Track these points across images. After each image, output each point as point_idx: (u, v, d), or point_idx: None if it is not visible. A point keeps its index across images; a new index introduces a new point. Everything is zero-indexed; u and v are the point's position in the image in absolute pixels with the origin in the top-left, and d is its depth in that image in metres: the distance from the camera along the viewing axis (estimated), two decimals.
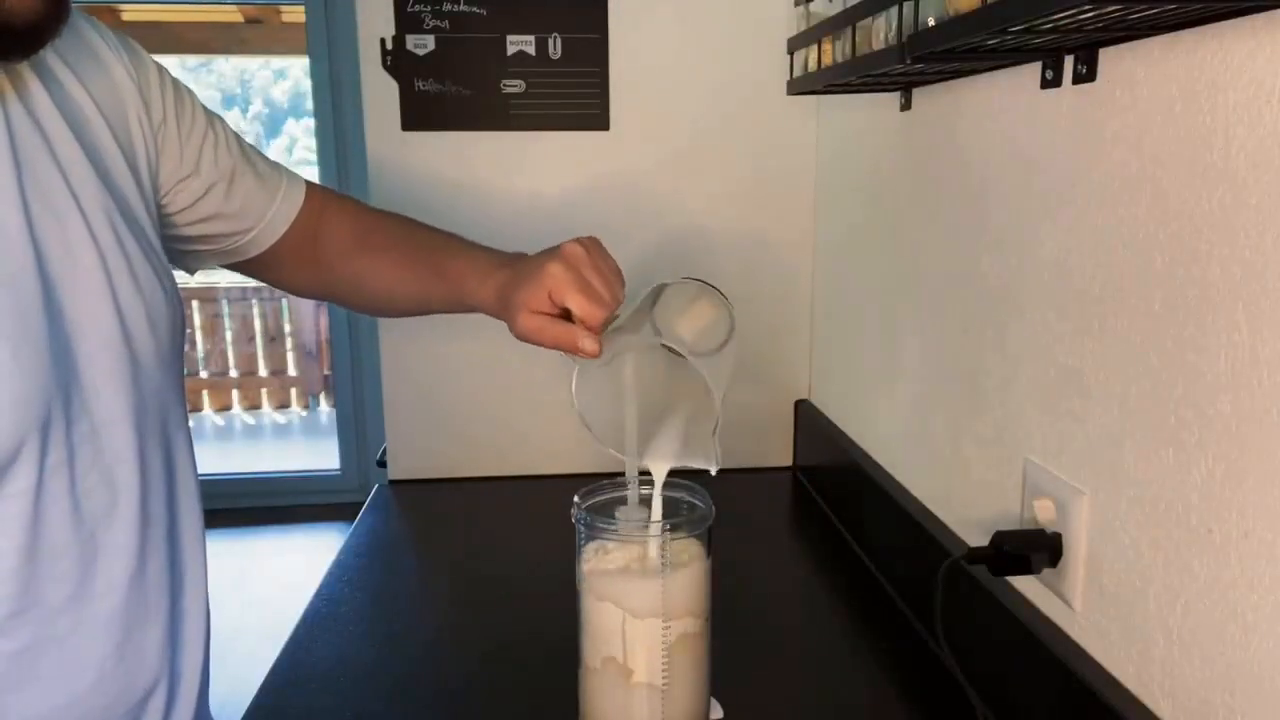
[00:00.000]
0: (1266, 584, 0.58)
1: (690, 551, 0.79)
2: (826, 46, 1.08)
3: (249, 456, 5.10)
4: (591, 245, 0.83)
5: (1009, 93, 0.87)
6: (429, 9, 1.43)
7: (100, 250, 0.66)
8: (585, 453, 1.57)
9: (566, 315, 0.80)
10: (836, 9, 1.05)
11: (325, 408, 5.58)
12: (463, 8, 1.44)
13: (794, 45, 1.20)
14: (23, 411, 0.58)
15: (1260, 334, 0.57)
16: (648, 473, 0.83)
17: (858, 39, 0.97)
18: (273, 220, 0.91)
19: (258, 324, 5.61)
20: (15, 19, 0.54)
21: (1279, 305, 0.56)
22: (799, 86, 1.21)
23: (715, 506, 0.81)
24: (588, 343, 0.77)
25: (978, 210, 0.94)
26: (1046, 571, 0.80)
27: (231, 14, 4.62)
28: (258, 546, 3.75)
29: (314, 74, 3.93)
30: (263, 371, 5.64)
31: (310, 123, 4.14)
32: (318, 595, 1.17)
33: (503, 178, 1.50)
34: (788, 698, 0.96)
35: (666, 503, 0.81)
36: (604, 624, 0.76)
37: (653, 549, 0.77)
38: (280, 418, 5.70)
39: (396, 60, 1.45)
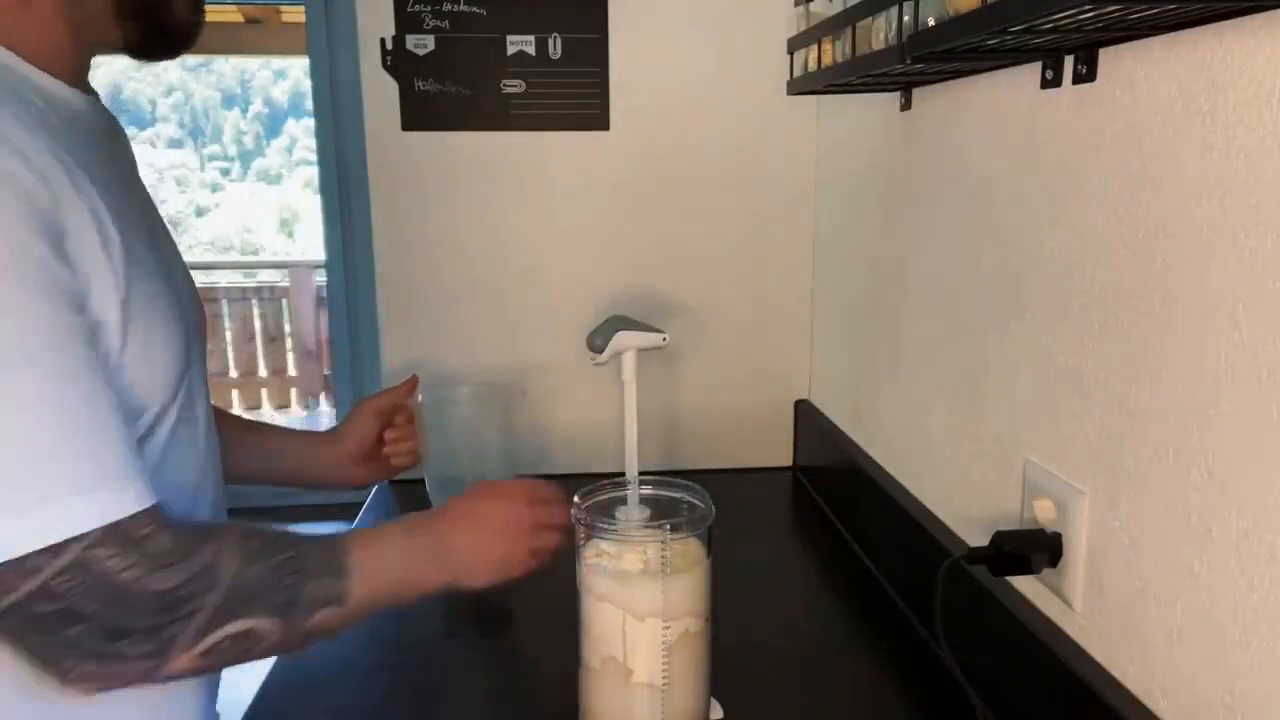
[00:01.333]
0: (1266, 584, 0.58)
1: (690, 551, 0.79)
2: (826, 46, 1.08)
3: None
4: None
5: (1009, 93, 0.87)
6: (429, 9, 1.43)
7: (178, 250, 0.80)
8: (585, 454, 1.57)
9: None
10: (836, 9, 1.05)
11: (325, 408, 5.58)
12: (463, 8, 1.44)
13: (794, 45, 1.20)
14: (179, 363, 0.70)
15: (1260, 335, 0.57)
16: (649, 474, 0.83)
17: (858, 39, 0.97)
18: None
19: (258, 324, 5.61)
20: (176, 20, 0.71)
21: (1279, 305, 0.56)
22: (799, 86, 1.21)
23: (715, 506, 0.81)
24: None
25: (978, 210, 0.94)
26: (1046, 571, 0.80)
27: (231, 14, 4.62)
28: None
29: (314, 74, 3.93)
30: (263, 372, 5.64)
31: (310, 123, 4.14)
32: None
33: (503, 178, 1.50)
34: (788, 697, 0.96)
35: (666, 502, 0.81)
36: (604, 624, 0.76)
37: (653, 549, 0.77)
38: (280, 418, 5.70)
39: (396, 60, 1.45)
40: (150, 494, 0.60)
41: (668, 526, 0.77)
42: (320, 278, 4.86)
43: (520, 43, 1.45)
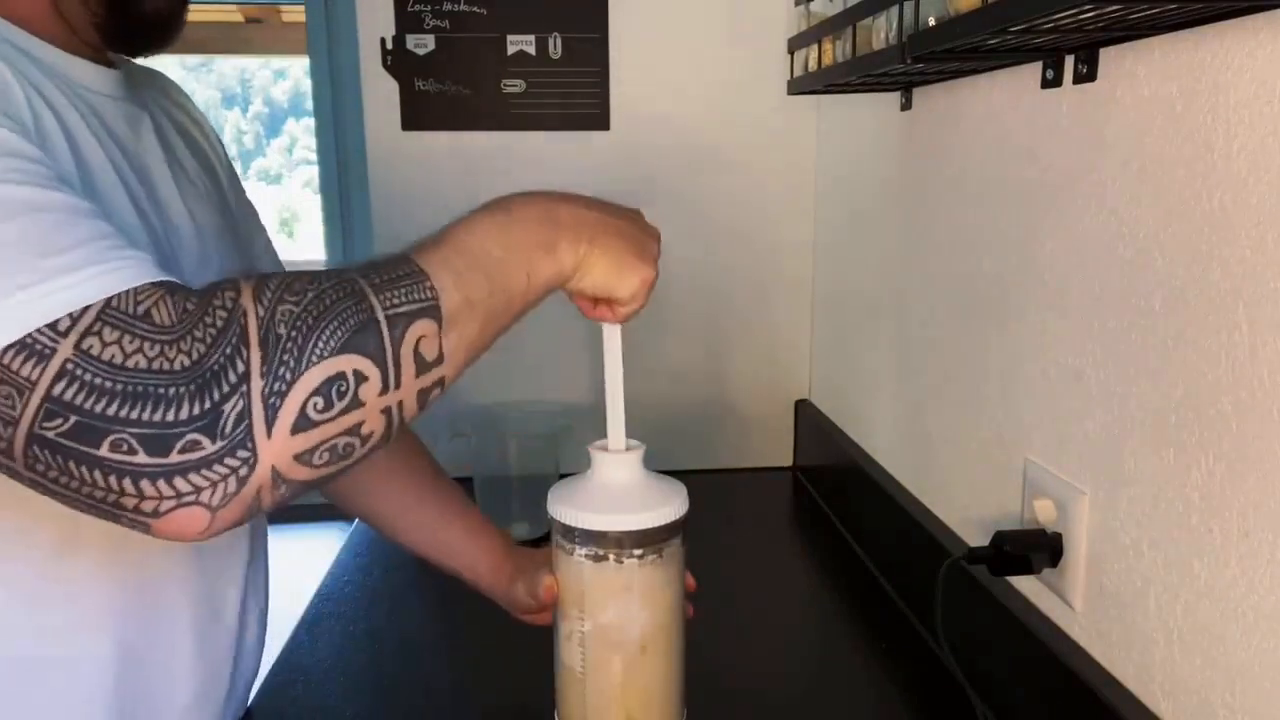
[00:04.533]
0: (1267, 584, 0.58)
1: (660, 554, 0.75)
2: (827, 46, 1.08)
3: None
4: None
5: (1009, 92, 0.87)
6: (429, 9, 1.43)
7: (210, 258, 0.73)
8: (586, 454, 1.57)
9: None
10: (837, 9, 1.05)
11: None
12: (463, 7, 1.44)
13: (794, 45, 1.20)
14: None
15: (1260, 334, 0.57)
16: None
17: (858, 39, 0.97)
18: None
19: None
20: (147, 7, 0.64)
21: (1279, 305, 0.56)
22: (799, 86, 1.21)
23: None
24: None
25: (978, 210, 0.94)
26: (1047, 571, 0.80)
27: (231, 14, 4.61)
28: None
29: (314, 74, 3.93)
30: None
31: (310, 122, 4.14)
32: (318, 595, 1.17)
33: (503, 178, 1.49)
34: (787, 697, 0.96)
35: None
36: (570, 626, 0.73)
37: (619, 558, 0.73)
38: None
39: (396, 60, 1.45)
40: (152, 269, 0.51)
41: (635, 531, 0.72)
42: None
43: (520, 42, 1.45)
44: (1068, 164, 0.77)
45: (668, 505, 0.67)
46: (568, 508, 0.68)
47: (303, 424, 0.49)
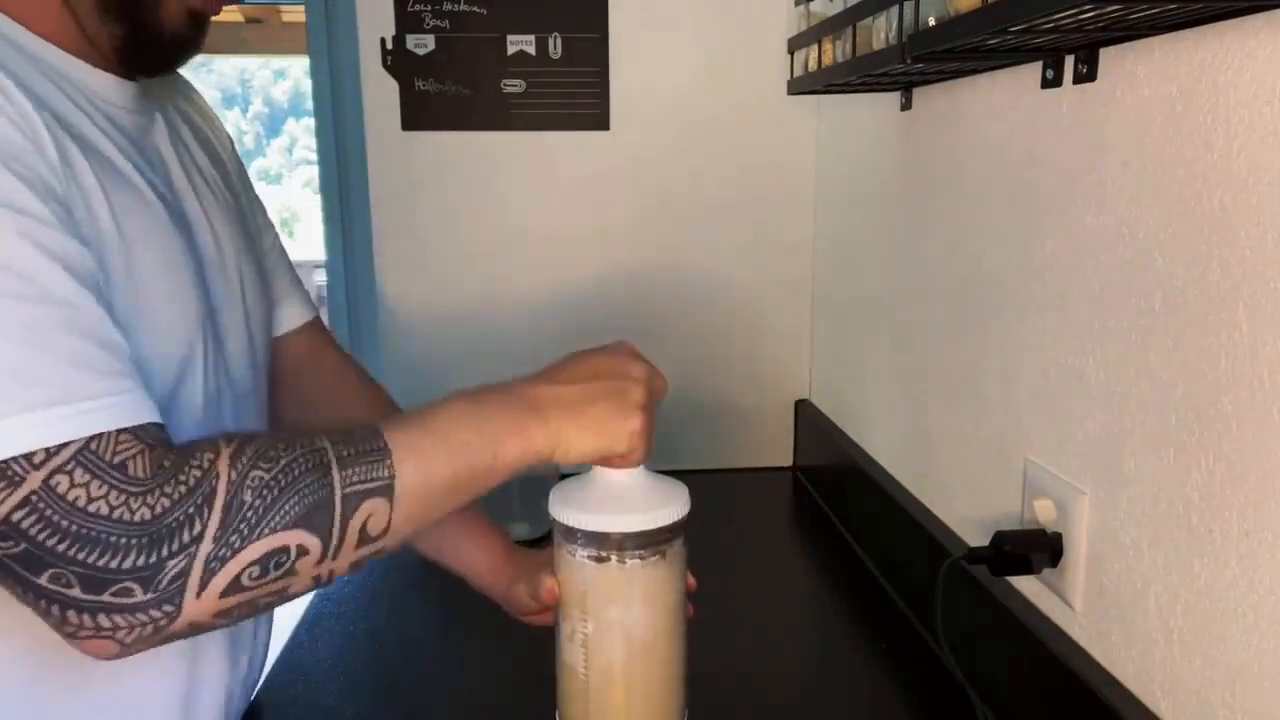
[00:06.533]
0: (1267, 584, 0.58)
1: (663, 555, 0.76)
2: (827, 46, 1.08)
3: None
4: None
5: (1009, 92, 0.87)
6: (429, 9, 1.43)
7: (223, 255, 0.74)
8: None
9: None
10: (837, 9, 1.05)
11: None
12: (463, 7, 1.44)
13: (794, 45, 1.20)
14: (178, 335, 0.64)
15: (1260, 334, 0.57)
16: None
17: (858, 39, 0.97)
18: (277, 318, 0.88)
19: None
20: (160, 26, 0.65)
21: (1279, 305, 0.56)
22: (799, 86, 1.21)
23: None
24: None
25: (978, 210, 0.94)
26: (1046, 571, 0.80)
27: (231, 14, 4.61)
28: None
29: (314, 74, 3.92)
30: None
31: (310, 122, 4.14)
32: (318, 595, 1.17)
33: (503, 178, 1.50)
34: (787, 697, 0.96)
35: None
36: (572, 626, 0.74)
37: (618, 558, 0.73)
38: None
39: (396, 60, 1.45)
40: (141, 411, 0.52)
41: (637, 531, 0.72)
42: (320, 278, 4.85)
43: (520, 42, 1.45)
44: (1068, 164, 0.77)
45: (670, 506, 0.67)
46: (570, 509, 0.68)
47: (233, 589, 0.52)
